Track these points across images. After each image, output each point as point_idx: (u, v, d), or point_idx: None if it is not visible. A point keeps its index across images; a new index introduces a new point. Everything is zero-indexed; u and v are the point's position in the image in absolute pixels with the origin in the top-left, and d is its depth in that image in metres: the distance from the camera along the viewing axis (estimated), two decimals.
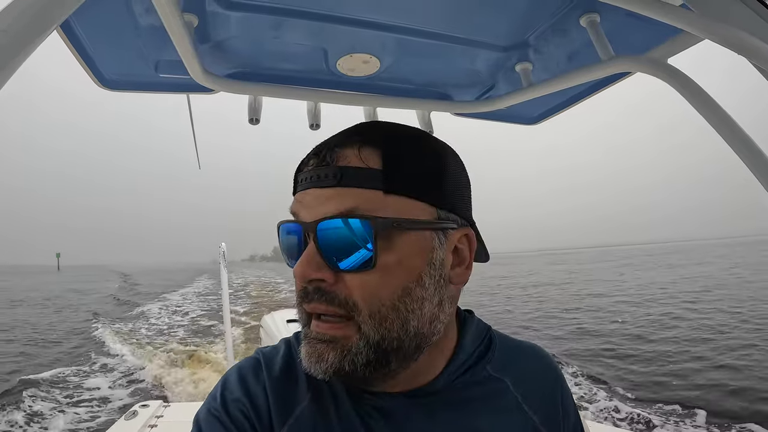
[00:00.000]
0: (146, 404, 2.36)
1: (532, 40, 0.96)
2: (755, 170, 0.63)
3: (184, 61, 0.83)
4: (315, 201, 0.43)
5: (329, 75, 1.06)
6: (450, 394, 0.50)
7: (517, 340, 0.61)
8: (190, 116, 1.40)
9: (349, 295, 0.42)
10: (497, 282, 25.75)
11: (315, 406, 0.47)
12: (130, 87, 1.07)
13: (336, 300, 0.42)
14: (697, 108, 0.70)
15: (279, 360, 0.51)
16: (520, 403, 0.52)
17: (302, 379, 0.49)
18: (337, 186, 0.43)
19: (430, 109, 1.23)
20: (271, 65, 1.03)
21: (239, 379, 0.49)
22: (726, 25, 0.64)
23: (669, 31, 0.84)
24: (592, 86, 1.13)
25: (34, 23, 0.40)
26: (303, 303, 0.44)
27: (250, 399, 0.47)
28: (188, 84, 0.96)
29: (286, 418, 0.46)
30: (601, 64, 0.85)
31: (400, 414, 0.47)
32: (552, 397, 0.55)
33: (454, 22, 0.89)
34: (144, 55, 0.95)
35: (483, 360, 0.53)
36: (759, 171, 0.63)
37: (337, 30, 0.87)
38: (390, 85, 1.13)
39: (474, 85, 1.17)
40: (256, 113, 1.14)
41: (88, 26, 0.84)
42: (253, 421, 0.46)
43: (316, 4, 0.82)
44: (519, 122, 1.36)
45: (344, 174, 0.42)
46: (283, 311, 4.19)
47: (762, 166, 0.63)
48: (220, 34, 0.90)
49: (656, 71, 0.75)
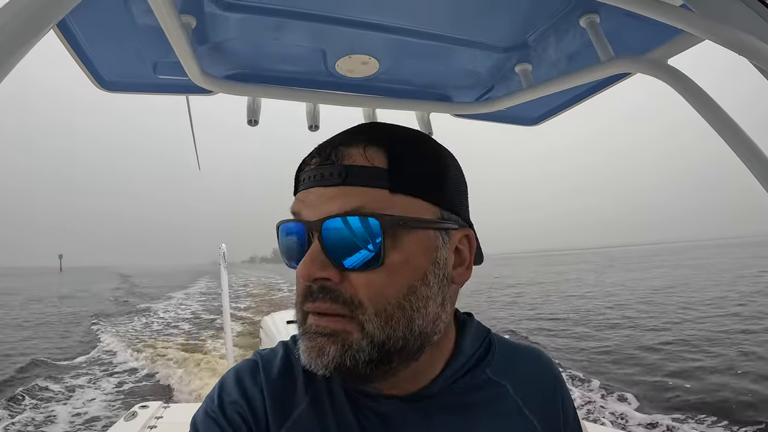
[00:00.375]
0: (146, 405, 2.36)
1: (531, 41, 0.95)
2: (755, 170, 0.62)
3: (182, 62, 0.83)
4: (319, 200, 0.43)
5: (328, 76, 1.06)
6: (449, 399, 0.49)
7: (517, 343, 0.60)
8: (190, 117, 1.39)
9: (355, 293, 0.41)
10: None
11: (313, 409, 0.47)
12: (129, 88, 1.07)
13: (341, 298, 0.42)
14: (697, 108, 0.69)
15: (277, 363, 0.51)
16: (521, 408, 0.52)
17: (300, 382, 0.49)
18: (342, 185, 0.42)
19: (429, 110, 1.23)
20: (269, 66, 1.03)
21: (236, 381, 0.49)
22: (726, 26, 0.64)
23: (669, 32, 0.83)
24: (593, 87, 1.13)
25: (30, 23, 0.40)
26: (306, 302, 0.43)
27: (248, 401, 0.47)
28: (187, 85, 0.95)
29: (283, 421, 0.46)
30: (600, 65, 0.84)
31: (398, 418, 0.47)
32: (552, 401, 0.55)
33: (453, 23, 0.89)
34: (142, 56, 0.95)
35: (482, 363, 0.53)
36: (758, 171, 0.62)
37: (336, 31, 0.87)
38: (389, 86, 1.13)
39: (473, 86, 1.16)
40: (254, 114, 1.13)
41: (86, 28, 0.84)
42: (250, 423, 0.45)
43: (314, 5, 0.81)
44: (519, 123, 1.35)
45: (349, 173, 0.42)
46: (283, 312, 4.18)
47: (762, 166, 0.62)
48: (219, 35, 0.90)
49: (656, 72, 0.75)
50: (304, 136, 1.22)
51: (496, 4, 0.84)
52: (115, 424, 2.23)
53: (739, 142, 0.65)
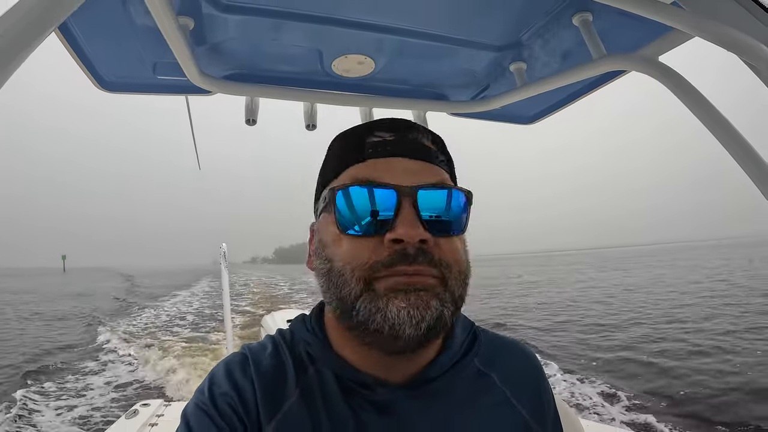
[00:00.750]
0: (147, 403, 2.37)
1: (525, 39, 0.96)
2: (743, 164, 0.63)
3: (181, 63, 0.84)
4: (406, 170, 0.47)
5: (325, 76, 1.07)
6: (442, 387, 0.50)
7: (501, 336, 0.62)
8: (189, 117, 1.40)
9: (443, 256, 0.45)
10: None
11: (304, 401, 0.47)
12: (129, 89, 1.08)
13: (433, 261, 0.44)
14: (687, 104, 0.70)
15: (266, 356, 0.51)
16: (508, 398, 0.53)
17: (291, 375, 0.49)
18: (425, 160, 0.49)
19: (425, 109, 1.24)
20: (267, 67, 1.04)
21: (227, 373, 0.49)
22: (716, 22, 0.64)
23: (660, 29, 0.84)
24: (587, 85, 1.14)
25: (29, 29, 0.41)
26: (400, 264, 0.43)
27: (238, 393, 0.47)
28: (186, 86, 0.97)
29: (273, 413, 0.46)
30: (592, 63, 0.85)
31: (392, 406, 0.48)
32: (537, 392, 0.56)
33: (448, 23, 0.90)
34: (142, 57, 0.96)
35: (471, 353, 0.54)
36: (746, 164, 0.63)
37: (332, 31, 0.88)
38: (385, 85, 1.14)
39: (469, 84, 1.17)
40: (252, 114, 1.15)
41: (86, 30, 0.85)
42: (241, 414, 0.46)
43: (310, 6, 0.82)
44: (515, 122, 1.36)
45: (429, 152, 0.50)
46: (284, 311, 4.19)
47: (750, 159, 0.63)
48: (216, 36, 0.91)
49: (647, 69, 0.76)
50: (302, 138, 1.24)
51: (490, 4, 0.85)
52: (117, 421, 2.25)
53: (728, 136, 0.65)
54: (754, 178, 0.64)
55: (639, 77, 0.85)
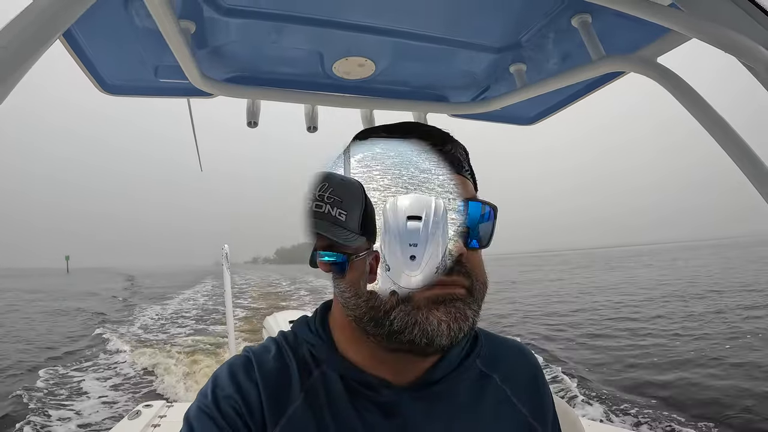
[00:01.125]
0: (149, 404, 2.38)
1: (525, 41, 0.97)
2: (740, 164, 0.64)
3: (182, 66, 0.85)
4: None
5: (326, 78, 1.08)
6: (447, 388, 0.51)
7: (501, 337, 0.62)
8: (191, 119, 1.41)
9: (472, 269, 0.46)
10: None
11: (308, 405, 0.47)
12: (131, 92, 1.09)
13: (466, 272, 0.46)
14: (685, 104, 0.70)
15: (270, 358, 0.50)
16: (509, 397, 0.54)
17: (295, 379, 0.49)
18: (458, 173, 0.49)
19: (426, 111, 1.24)
20: (268, 69, 1.05)
21: (230, 375, 0.48)
22: (715, 24, 0.65)
23: (658, 31, 0.84)
24: (587, 86, 1.14)
25: (33, 40, 0.42)
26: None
27: (242, 396, 0.46)
28: (187, 88, 0.97)
29: (278, 418, 0.46)
30: (592, 64, 0.85)
31: (398, 407, 0.48)
32: (536, 391, 0.57)
33: (448, 25, 0.91)
34: (144, 60, 0.97)
35: (473, 354, 0.55)
36: (744, 164, 0.63)
37: (332, 34, 0.89)
38: (386, 87, 1.14)
39: (469, 86, 1.18)
40: (254, 116, 1.15)
41: (89, 34, 0.86)
42: (245, 418, 0.45)
43: (311, 9, 0.83)
44: (515, 123, 1.36)
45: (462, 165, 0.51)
46: (286, 312, 4.19)
47: (747, 159, 0.63)
48: (218, 39, 0.92)
49: (646, 70, 0.76)
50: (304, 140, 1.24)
51: (490, 6, 0.85)
52: (119, 422, 2.25)
53: (725, 136, 0.66)
54: (752, 178, 0.64)
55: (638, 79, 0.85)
